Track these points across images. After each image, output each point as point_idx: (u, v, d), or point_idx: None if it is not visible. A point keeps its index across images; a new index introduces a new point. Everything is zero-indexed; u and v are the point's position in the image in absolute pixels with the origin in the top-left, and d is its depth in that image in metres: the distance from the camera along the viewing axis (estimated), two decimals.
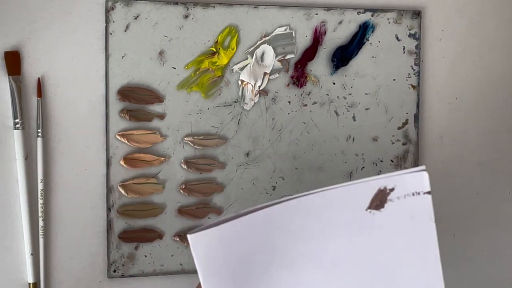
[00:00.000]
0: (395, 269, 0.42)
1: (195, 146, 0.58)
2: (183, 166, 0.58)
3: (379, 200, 0.41)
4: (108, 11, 0.56)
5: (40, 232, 0.55)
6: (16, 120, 0.54)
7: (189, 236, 0.37)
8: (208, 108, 0.58)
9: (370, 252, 0.41)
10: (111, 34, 0.56)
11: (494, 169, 0.66)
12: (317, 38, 0.60)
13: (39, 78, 0.55)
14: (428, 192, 0.41)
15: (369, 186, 0.41)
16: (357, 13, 0.61)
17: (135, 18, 0.56)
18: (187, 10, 0.57)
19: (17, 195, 0.55)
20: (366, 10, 0.61)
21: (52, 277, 0.56)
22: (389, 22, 0.62)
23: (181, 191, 0.58)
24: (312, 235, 0.40)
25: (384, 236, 0.42)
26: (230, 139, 0.59)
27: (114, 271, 0.57)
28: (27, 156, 0.54)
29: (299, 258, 0.40)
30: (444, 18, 0.64)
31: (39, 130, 0.55)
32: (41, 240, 0.55)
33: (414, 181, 0.41)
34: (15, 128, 0.54)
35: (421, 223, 0.42)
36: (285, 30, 0.60)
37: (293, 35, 0.60)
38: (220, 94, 0.59)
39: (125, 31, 0.56)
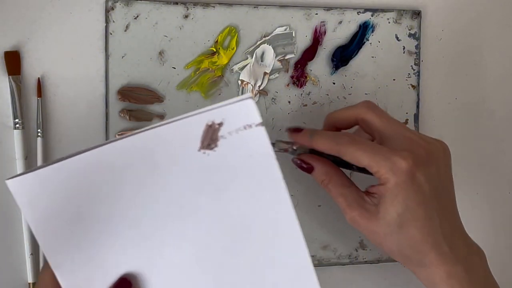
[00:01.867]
0: (245, 215, 0.38)
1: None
2: None
3: (210, 138, 0.36)
4: (108, 11, 0.56)
5: None
6: (16, 120, 0.54)
7: (7, 182, 0.34)
8: None
9: (214, 201, 0.37)
10: (111, 34, 0.56)
11: (494, 169, 0.66)
12: (317, 38, 0.60)
13: (39, 78, 0.55)
14: (261, 124, 0.37)
15: (195, 121, 0.36)
16: (357, 13, 0.61)
17: (135, 18, 0.56)
18: (187, 10, 0.57)
19: None
20: (366, 10, 0.61)
21: None
22: (389, 22, 0.62)
23: None
24: (144, 178, 0.36)
25: (225, 180, 0.37)
26: None
27: None
28: (27, 156, 0.54)
29: (139, 208, 0.36)
30: (444, 18, 0.64)
31: (39, 130, 0.55)
32: None
33: (241, 112, 0.36)
34: (15, 128, 0.54)
35: (261, 161, 0.37)
36: (285, 30, 0.60)
37: (293, 35, 0.60)
38: (220, 94, 0.59)
39: (125, 31, 0.56)
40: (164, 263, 0.37)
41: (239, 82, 0.59)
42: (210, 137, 0.37)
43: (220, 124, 0.36)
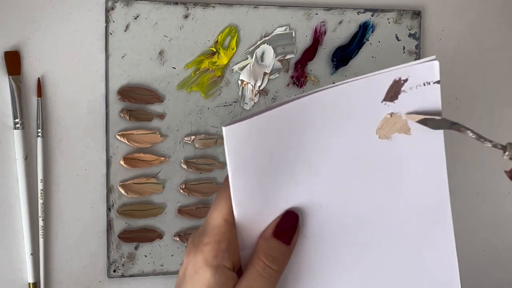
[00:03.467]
0: (404, 164, 0.42)
1: (196, 145, 0.58)
2: (183, 166, 0.58)
3: (394, 92, 0.41)
4: (108, 11, 0.56)
5: (40, 232, 0.55)
6: (16, 120, 0.54)
7: (224, 128, 0.37)
8: (208, 108, 0.58)
9: (383, 146, 0.41)
10: (111, 34, 0.56)
11: (494, 169, 0.66)
12: (317, 38, 0.60)
13: (39, 78, 0.55)
14: (437, 82, 0.41)
15: (386, 77, 0.41)
16: (357, 13, 0.61)
17: (135, 18, 0.56)
18: (187, 10, 0.57)
19: (17, 195, 0.55)
20: (366, 10, 0.61)
21: (52, 277, 0.56)
22: (389, 22, 0.62)
23: (181, 191, 0.58)
24: (332, 129, 0.40)
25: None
26: None
27: (114, 271, 0.57)
28: (27, 156, 0.54)
29: (320, 153, 0.40)
30: (444, 18, 0.64)
31: (39, 130, 0.55)
32: (41, 240, 0.55)
33: (426, 71, 0.41)
34: (15, 128, 0.54)
35: (430, 113, 0.42)
36: (285, 30, 0.60)
37: (293, 35, 0.60)
38: (220, 94, 0.59)
39: (125, 31, 0.56)
40: (328, 205, 0.41)
41: (239, 82, 0.59)
42: (394, 91, 0.41)
43: (405, 80, 0.41)
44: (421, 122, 0.42)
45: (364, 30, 0.61)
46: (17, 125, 0.54)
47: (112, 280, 0.57)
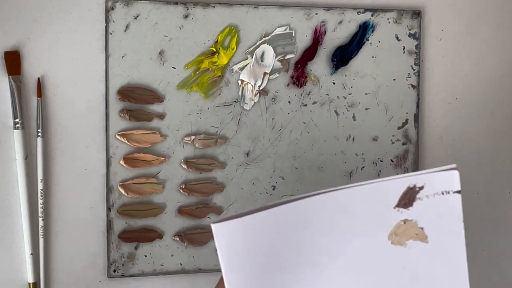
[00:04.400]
0: (420, 270, 0.41)
1: (196, 145, 0.58)
2: (183, 166, 0.58)
3: (408, 198, 0.40)
4: (108, 11, 0.56)
5: (40, 232, 0.55)
6: (16, 120, 0.54)
7: (212, 226, 0.36)
8: (208, 108, 0.58)
9: (396, 252, 0.40)
10: (111, 34, 0.56)
11: (494, 169, 0.66)
12: (317, 38, 0.60)
13: (39, 78, 0.55)
14: (458, 192, 0.40)
15: (399, 183, 0.40)
16: (357, 13, 0.61)
17: (135, 18, 0.56)
18: (187, 10, 0.57)
19: (17, 195, 0.55)
20: (366, 10, 0.61)
21: (52, 277, 0.56)
22: (389, 22, 0.62)
23: (181, 191, 0.58)
24: (338, 231, 0.39)
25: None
26: (230, 139, 0.59)
27: (114, 271, 0.57)
28: (27, 156, 0.54)
29: (324, 255, 0.39)
30: (444, 18, 0.64)
31: (39, 130, 0.55)
32: (41, 240, 0.55)
33: (444, 180, 0.40)
34: (15, 128, 0.54)
35: (449, 223, 0.40)
36: (285, 30, 0.60)
37: (293, 35, 0.60)
38: (220, 94, 0.59)
39: (125, 31, 0.56)
40: None
41: (239, 82, 0.59)
42: (408, 198, 0.40)
43: (421, 188, 0.40)
44: None
45: (364, 30, 0.61)
46: (17, 125, 0.54)
47: (112, 280, 0.57)
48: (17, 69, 0.54)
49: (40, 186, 0.55)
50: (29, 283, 0.55)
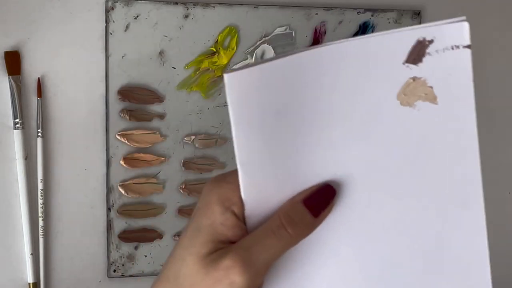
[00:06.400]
0: (428, 133, 0.38)
1: (196, 145, 0.58)
2: (183, 166, 0.58)
3: (417, 53, 0.37)
4: (108, 11, 0.56)
5: (40, 232, 0.55)
6: (16, 120, 0.54)
7: (225, 75, 0.34)
8: (208, 108, 0.58)
9: (405, 113, 0.38)
10: (111, 34, 0.56)
11: (494, 169, 0.66)
12: (317, 38, 0.60)
13: (39, 78, 0.55)
14: (468, 46, 0.38)
15: (408, 36, 0.37)
16: (357, 13, 0.61)
17: (135, 18, 0.56)
18: (187, 10, 0.57)
19: (17, 195, 0.55)
20: (366, 10, 0.61)
21: (52, 277, 0.56)
22: (389, 22, 0.62)
23: (181, 191, 0.58)
24: (347, 87, 0.37)
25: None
26: (230, 139, 0.59)
27: (114, 271, 0.57)
28: (27, 156, 0.54)
29: (334, 113, 0.37)
30: (444, 18, 0.64)
31: (39, 130, 0.55)
32: (41, 240, 0.55)
33: (453, 33, 0.38)
34: (15, 128, 0.54)
35: (459, 83, 0.39)
36: (285, 30, 0.60)
37: (293, 35, 0.60)
38: (220, 94, 0.59)
39: (125, 31, 0.56)
40: (343, 174, 0.37)
41: None
42: (417, 53, 0.37)
43: (430, 42, 0.38)
44: None
45: (364, 30, 0.61)
46: (17, 125, 0.54)
47: (112, 280, 0.57)
48: (17, 69, 0.54)
49: (40, 186, 0.55)
50: (29, 283, 0.55)
